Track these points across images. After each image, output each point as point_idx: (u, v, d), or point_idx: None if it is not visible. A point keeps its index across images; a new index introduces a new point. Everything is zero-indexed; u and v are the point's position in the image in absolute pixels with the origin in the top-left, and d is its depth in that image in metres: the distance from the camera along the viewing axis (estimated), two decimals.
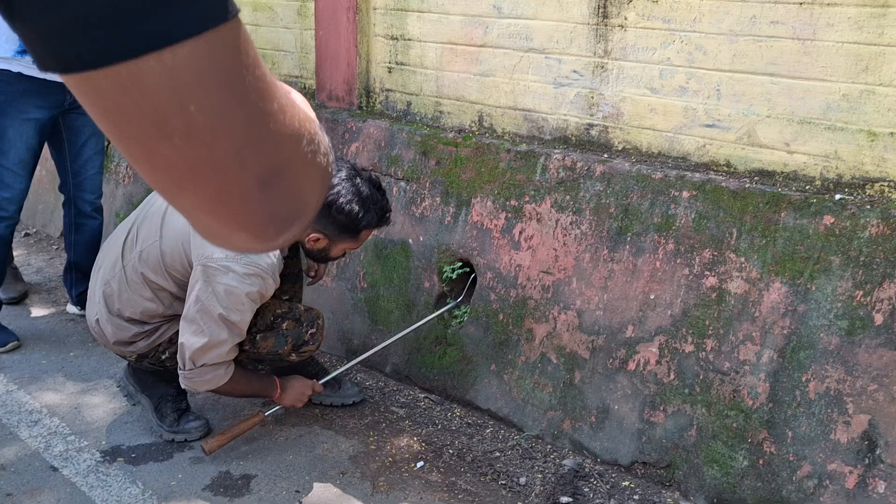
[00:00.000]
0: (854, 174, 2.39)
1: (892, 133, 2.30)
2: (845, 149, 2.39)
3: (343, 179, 2.46)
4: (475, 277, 3.04)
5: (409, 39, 3.36)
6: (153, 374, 2.76)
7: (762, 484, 2.36)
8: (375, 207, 2.50)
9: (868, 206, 2.30)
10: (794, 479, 2.31)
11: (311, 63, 3.74)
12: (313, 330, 2.73)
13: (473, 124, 3.26)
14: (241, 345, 2.59)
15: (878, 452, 2.19)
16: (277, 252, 2.45)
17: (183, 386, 2.50)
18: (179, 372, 2.46)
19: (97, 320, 2.64)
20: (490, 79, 3.15)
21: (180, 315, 2.50)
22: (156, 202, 2.61)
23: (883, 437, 2.19)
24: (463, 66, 3.22)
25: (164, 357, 2.67)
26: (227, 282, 2.36)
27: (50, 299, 3.89)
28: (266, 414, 2.72)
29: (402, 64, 3.42)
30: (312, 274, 2.94)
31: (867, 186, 2.37)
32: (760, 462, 2.37)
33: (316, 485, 2.50)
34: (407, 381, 3.17)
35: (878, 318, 2.23)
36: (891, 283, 2.22)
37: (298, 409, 2.94)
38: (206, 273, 2.37)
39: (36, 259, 4.49)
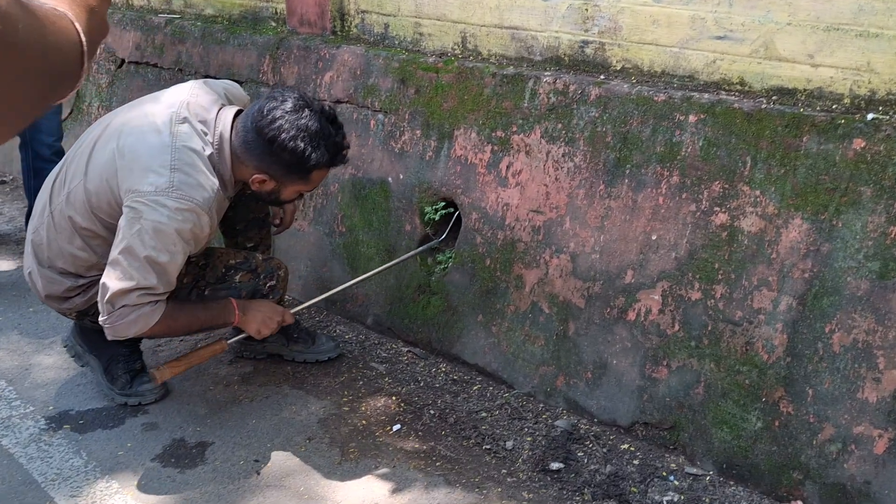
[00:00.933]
0: (890, 89, 2.03)
1: None
2: (880, 59, 2.02)
3: (287, 112, 2.12)
4: (459, 216, 2.73)
5: None
6: (102, 331, 2.49)
7: (778, 448, 2.07)
8: (327, 144, 2.16)
9: None
10: (814, 442, 2.02)
11: (281, 3, 3.38)
12: (272, 282, 2.45)
13: (457, 46, 2.91)
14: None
15: None
16: (216, 185, 2.15)
17: (109, 337, 2.17)
18: (100, 320, 2.15)
19: (29, 273, 2.37)
20: None
21: None
22: (86, 138, 2.30)
23: None
24: None
25: None
26: (156, 218, 2.04)
27: (18, 250, 3.65)
28: (229, 342, 2.42)
29: None
30: (277, 221, 2.65)
31: None
32: (776, 423, 2.07)
33: (278, 453, 2.25)
34: (389, 334, 2.90)
35: None
36: None
37: (268, 367, 2.69)
38: (133, 210, 2.06)
39: (10, 208, 4.24)
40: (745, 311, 2.13)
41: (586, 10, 2.51)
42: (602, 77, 2.49)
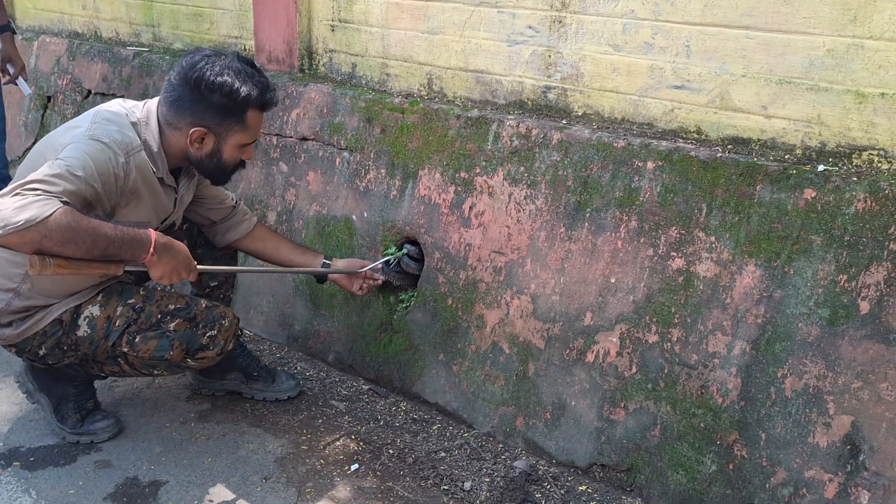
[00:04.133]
0: (839, 141, 2.10)
1: (882, 94, 2.01)
2: (830, 112, 2.09)
3: (206, 56, 2.10)
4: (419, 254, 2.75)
5: None
6: (50, 370, 2.44)
7: (732, 491, 2.09)
8: (253, 80, 2.12)
9: (854, 179, 2.01)
10: (767, 486, 2.04)
11: (250, 22, 3.41)
12: (213, 332, 2.29)
13: (423, 88, 2.95)
14: (117, 348, 2.23)
15: (861, 458, 1.93)
16: (137, 141, 2.09)
17: None
18: None
19: None
20: (439, 37, 2.83)
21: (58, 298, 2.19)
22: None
23: (867, 441, 1.92)
24: (410, 23, 2.90)
25: (41, 352, 2.25)
26: (71, 148, 1.98)
27: None
28: (127, 268, 2.09)
29: (345, 21, 3.10)
30: (360, 292, 2.67)
31: (854, 155, 2.08)
32: (730, 466, 2.10)
33: (233, 492, 2.22)
34: (351, 372, 2.89)
35: (864, 306, 1.95)
36: (879, 267, 1.93)
37: (226, 404, 2.66)
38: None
39: None
40: (700, 354, 2.17)
41: (549, 56, 2.56)
42: (564, 122, 2.54)
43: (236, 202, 2.59)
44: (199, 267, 2.20)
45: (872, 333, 1.94)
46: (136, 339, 2.23)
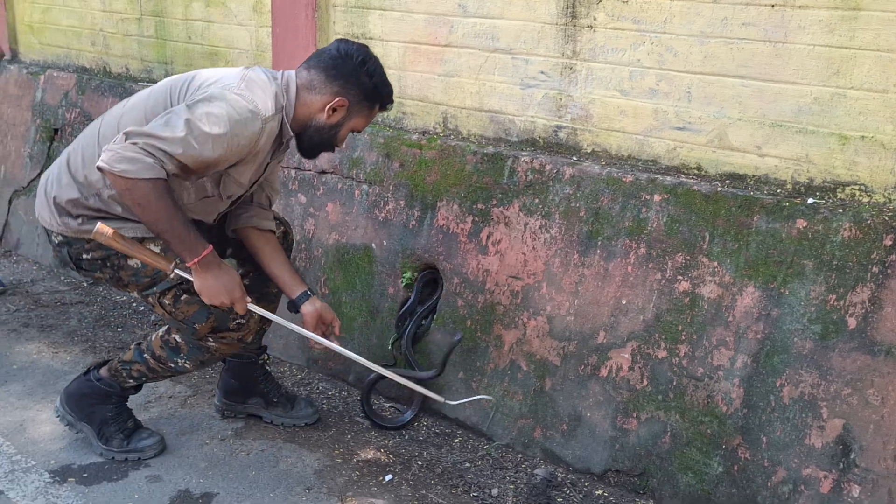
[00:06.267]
0: (825, 178, 2.38)
1: (862, 136, 2.30)
2: (816, 152, 2.38)
3: (367, 48, 2.33)
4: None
5: (371, 38, 3.27)
6: (86, 395, 2.57)
7: (737, 490, 2.33)
8: (389, 83, 2.38)
9: (840, 210, 2.29)
10: (768, 484, 2.29)
11: (267, 62, 3.61)
12: (241, 321, 2.41)
13: (438, 126, 3.18)
14: (162, 298, 2.34)
15: (852, 457, 2.18)
16: (274, 111, 2.20)
17: (98, 164, 2.06)
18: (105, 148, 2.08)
19: (47, 178, 2.38)
20: (455, 79, 3.07)
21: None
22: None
23: (857, 442, 2.18)
24: (427, 66, 3.14)
25: (85, 256, 2.34)
26: (215, 99, 2.12)
27: None
28: (174, 270, 2.25)
29: None
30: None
31: (838, 190, 2.37)
32: (735, 468, 2.34)
33: (281, 502, 2.39)
34: (372, 391, 3.07)
35: (852, 322, 2.22)
36: (864, 287, 2.21)
37: (257, 422, 2.83)
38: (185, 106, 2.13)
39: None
40: (706, 367, 2.41)
41: (560, 99, 2.82)
42: (575, 158, 2.80)
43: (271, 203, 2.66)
44: (249, 305, 2.32)
45: (860, 346, 2.21)
46: (182, 298, 2.32)
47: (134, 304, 3.80)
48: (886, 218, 2.23)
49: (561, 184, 2.73)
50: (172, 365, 2.48)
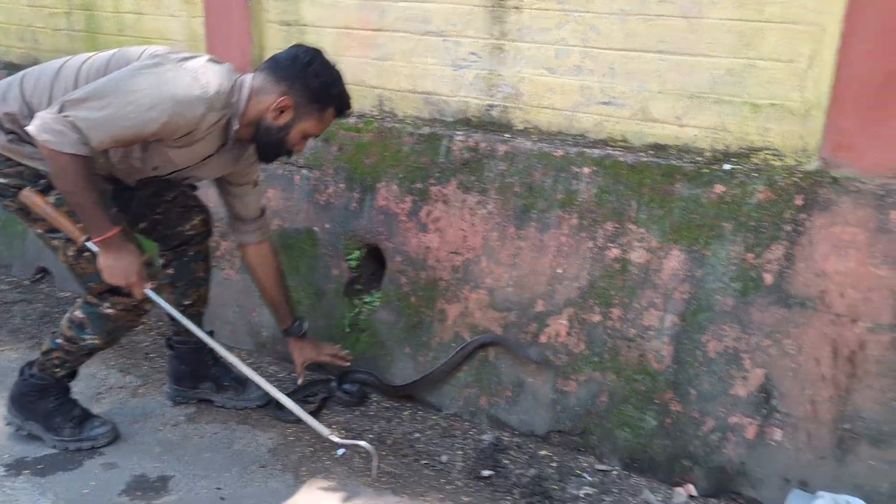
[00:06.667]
0: (740, 144, 2.53)
1: (772, 104, 2.45)
2: (731, 121, 2.53)
3: (320, 52, 2.34)
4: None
5: (304, 25, 3.32)
6: (24, 394, 2.60)
7: (670, 441, 2.48)
8: (343, 90, 2.37)
9: (755, 174, 2.44)
10: (699, 434, 2.44)
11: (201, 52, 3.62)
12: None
13: (374, 109, 3.26)
14: (67, 245, 2.37)
15: (773, 403, 2.35)
16: (227, 100, 2.27)
17: (28, 128, 2.13)
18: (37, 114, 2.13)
19: None
20: (388, 63, 3.15)
21: None
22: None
23: (777, 389, 2.35)
24: (360, 51, 3.21)
25: (6, 170, 2.35)
26: (164, 72, 2.17)
27: None
28: (84, 241, 2.33)
29: None
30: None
31: (752, 155, 2.52)
32: (668, 421, 2.49)
33: (237, 480, 2.46)
34: (321, 371, 3.15)
35: (768, 279, 2.38)
36: (778, 245, 2.37)
37: (209, 407, 2.88)
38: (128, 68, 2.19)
39: None
40: (637, 328, 2.55)
41: (491, 79, 2.92)
42: (507, 135, 2.90)
43: (262, 212, 2.74)
44: (149, 292, 2.38)
45: (776, 300, 2.37)
46: (84, 255, 2.36)
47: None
48: (797, 180, 2.39)
49: (495, 160, 2.83)
50: (83, 343, 2.50)
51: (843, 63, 2.28)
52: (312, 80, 2.31)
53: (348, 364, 2.93)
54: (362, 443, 2.50)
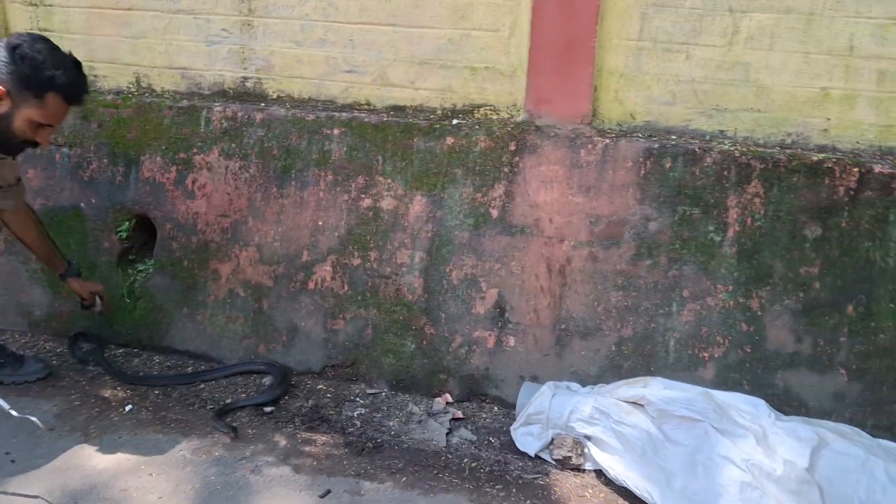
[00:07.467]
0: (465, 102, 2.98)
1: (486, 67, 2.92)
2: (456, 83, 2.97)
3: (33, 37, 2.28)
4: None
5: (51, 5, 3.34)
6: None
7: (427, 360, 2.90)
8: (68, 73, 2.28)
9: (477, 127, 2.90)
10: (450, 350, 2.88)
11: None
12: None
13: (132, 85, 3.37)
14: None
15: (506, 316, 2.83)
16: None
17: None
18: None
19: None
20: (143, 40, 3.28)
21: None
22: None
23: (508, 304, 2.83)
24: (113, 30, 3.30)
25: None
26: None
27: None
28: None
29: (46, 30, 3.39)
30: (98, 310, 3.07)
31: (475, 111, 2.98)
32: (424, 343, 2.91)
33: (25, 444, 2.54)
34: (100, 341, 3.24)
35: (494, 213, 2.85)
36: (499, 185, 2.85)
37: None
38: None
39: None
40: (392, 267, 2.94)
41: (243, 53, 3.16)
42: (263, 104, 3.16)
43: (18, 180, 2.77)
44: None
45: (502, 230, 2.85)
46: None
47: None
48: (510, 129, 2.87)
49: (253, 128, 3.08)
50: None
51: (535, 32, 2.78)
52: (20, 65, 2.24)
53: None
54: (33, 417, 2.56)
